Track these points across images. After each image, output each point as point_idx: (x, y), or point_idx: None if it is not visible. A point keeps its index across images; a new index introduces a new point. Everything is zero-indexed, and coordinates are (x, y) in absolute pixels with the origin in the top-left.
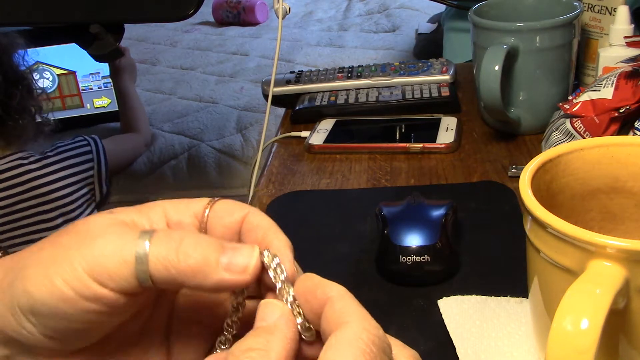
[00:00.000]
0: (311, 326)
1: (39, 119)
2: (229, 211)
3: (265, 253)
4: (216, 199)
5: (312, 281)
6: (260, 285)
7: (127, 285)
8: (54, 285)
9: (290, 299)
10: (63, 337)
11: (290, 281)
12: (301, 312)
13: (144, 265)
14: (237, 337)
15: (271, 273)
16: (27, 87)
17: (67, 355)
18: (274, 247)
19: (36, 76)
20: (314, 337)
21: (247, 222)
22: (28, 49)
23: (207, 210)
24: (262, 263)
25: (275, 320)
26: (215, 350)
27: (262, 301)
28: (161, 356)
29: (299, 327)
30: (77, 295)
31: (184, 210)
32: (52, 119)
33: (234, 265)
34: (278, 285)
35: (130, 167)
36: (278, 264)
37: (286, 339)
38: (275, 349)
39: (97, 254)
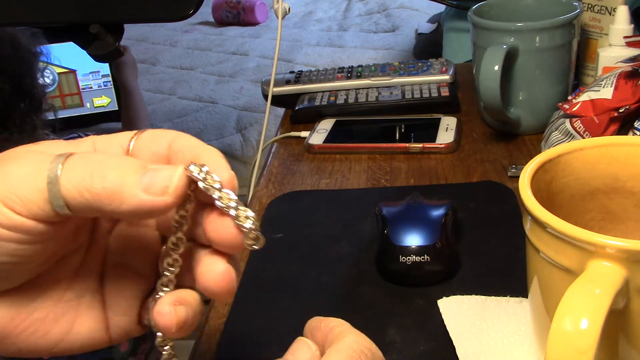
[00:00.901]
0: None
1: (40, 134)
2: (155, 138)
3: (192, 167)
4: (144, 130)
5: (317, 320)
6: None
7: (42, 212)
8: None
9: (232, 204)
10: None
11: (230, 186)
12: (249, 217)
13: (57, 189)
14: (180, 277)
15: (202, 185)
16: (36, 103)
17: None
18: (203, 161)
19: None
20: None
21: (174, 146)
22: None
23: (133, 140)
24: (190, 178)
25: None
26: (157, 294)
27: (299, 338)
28: (96, 302)
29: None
30: None
31: (111, 141)
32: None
33: (154, 184)
34: (215, 195)
35: None
36: (208, 172)
37: None
38: None
39: (9, 180)
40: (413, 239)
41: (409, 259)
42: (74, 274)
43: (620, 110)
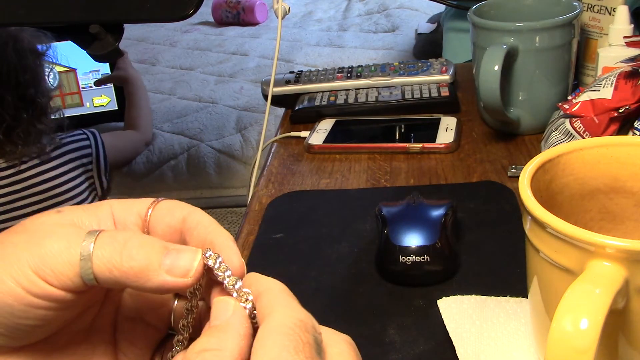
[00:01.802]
0: None
1: (44, 140)
2: (170, 210)
3: (208, 254)
4: (160, 199)
5: (249, 280)
6: (212, 287)
7: (72, 284)
8: (2, 282)
9: (237, 286)
10: (11, 333)
11: (238, 274)
12: (251, 300)
13: (88, 265)
14: (193, 338)
15: (217, 273)
16: (40, 110)
17: (14, 351)
18: (217, 244)
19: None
20: None
21: (189, 221)
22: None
23: (150, 210)
24: (206, 264)
25: (227, 318)
26: (174, 349)
27: (215, 299)
28: (109, 355)
29: (250, 315)
30: (25, 292)
31: (128, 209)
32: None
33: (177, 267)
34: (225, 282)
35: (130, 167)
36: (221, 262)
37: (239, 336)
38: (228, 347)
39: (44, 253)
40: (413, 239)
41: (409, 259)
42: (89, 327)
43: (620, 110)
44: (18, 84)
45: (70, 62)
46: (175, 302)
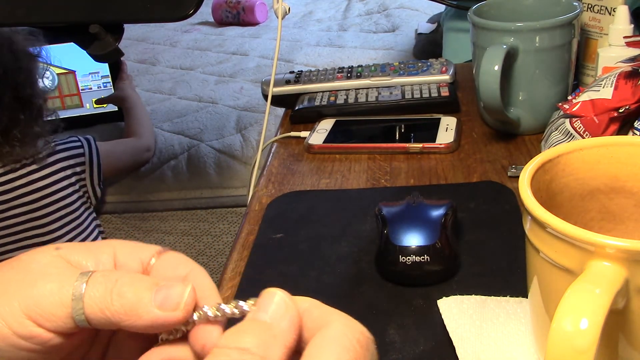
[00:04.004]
0: None
1: (41, 142)
2: (174, 266)
3: (206, 307)
4: (166, 249)
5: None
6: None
7: (63, 326)
8: None
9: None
10: None
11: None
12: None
13: (80, 306)
14: None
15: (217, 313)
16: (37, 111)
17: None
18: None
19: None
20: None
21: (189, 280)
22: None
23: (153, 259)
24: (206, 315)
25: (278, 318)
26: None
27: (264, 291)
28: None
29: None
30: (11, 333)
31: (132, 255)
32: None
33: (167, 301)
34: (231, 311)
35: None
36: (218, 309)
37: (285, 348)
38: (272, 358)
39: (36, 294)
40: (413, 239)
41: (409, 259)
42: None
43: (620, 110)
44: (14, 85)
45: (69, 64)
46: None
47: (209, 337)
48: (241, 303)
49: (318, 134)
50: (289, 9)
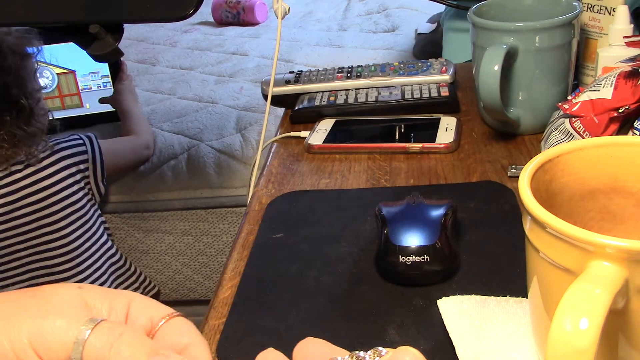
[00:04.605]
0: None
1: (39, 142)
2: (179, 332)
3: None
4: (177, 313)
5: (314, 344)
6: None
7: None
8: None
9: None
10: None
11: None
12: None
13: (79, 350)
14: None
15: None
16: (26, 112)
17: None
18: None
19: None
20: None
21: (189, 352)
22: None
23: (162, 321)
24: None
25: None
26: None
27: (401, 348)
28: None
29: None
30: (14, 356)
31: (145, 310)
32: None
33: None
34: None
35: None
36: None
37: None
38: None
39: (44, 327)
40: (413, 239)
41: (408, 259)
42: None
43: (620, 110)
44: (1, 85)
45: (69, 64)
46: None
47: None
48: (362, 353)
49: (318, 134)
50: (289, 9)
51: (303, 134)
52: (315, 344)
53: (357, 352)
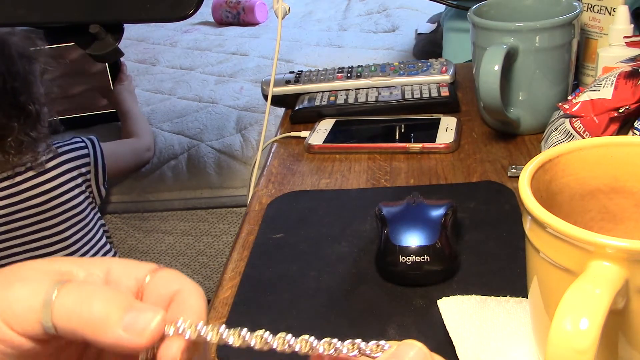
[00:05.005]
0: None
1: (42, 147)
2: (166, 282)
3: (180, 323)
4: (161, 267)
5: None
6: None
7: (32, 331)
8: None
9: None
10: None
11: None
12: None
13: (48, 312)
14: None
15: (203, 336)
16: (34, 117)
17: None
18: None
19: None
20: None
21: (178, 297)
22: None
23: (148, 277)
24: (165, 324)
25: None
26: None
27: (405, 341)
28: None
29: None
30: None
31: (126, 271)
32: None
33: (134, 325)
34: (248, 339)
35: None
36: (194, 329)
37: None
38: None
39: (9, 296)
40: (413, 239)
41: (409, 259)
42: None
43: (620, 110)
44: (7, 91)
45: None
46: None
47: (167, 352)
48: (363, 345)
49: (318, 134)
50: (289, 9)
51: (303, 134)
52: None
53: (344, 341)
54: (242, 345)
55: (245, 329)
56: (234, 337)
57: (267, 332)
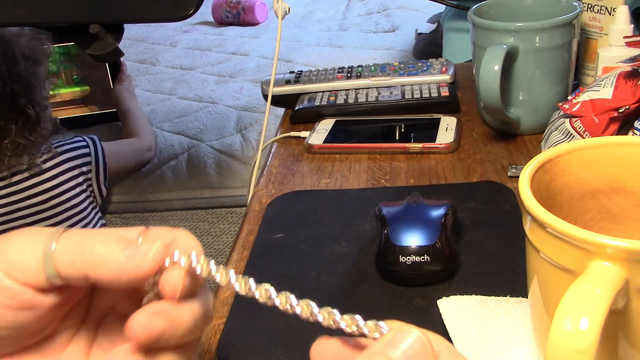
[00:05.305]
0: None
1: (42, 147)
2: (159, 237)
3: (176, 256)
4: (149, 227)
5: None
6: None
7: (35, 280)
8: None
9: (233, 277)
10: None
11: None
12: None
13: (50, 257)
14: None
15: (199, 269)
16: (33, 120)
17: None
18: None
19: None
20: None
21: (173, 247)
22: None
23: (140, 238)
24: (165, 252)
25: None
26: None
27: (403, 328)
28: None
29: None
30: None
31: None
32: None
33: (136, 254)
34: (213, 272)
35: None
36: (189, 256)
37: None
38: None
39: (9, 247)
40: (413, 239)
41: (409, 259)
42: (58, 354)
43: (620, 110)
44: (7, 93)
45: None
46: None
47: (169, 278)
48: (361, 322)
49: (318, 134)
50: (289, 9)
51: (303, 134)
52: (329, 341)
53: (343, 315)
54: (247, 294)
55: (252, 279)
56: (240, 285)
57: (273, 288)
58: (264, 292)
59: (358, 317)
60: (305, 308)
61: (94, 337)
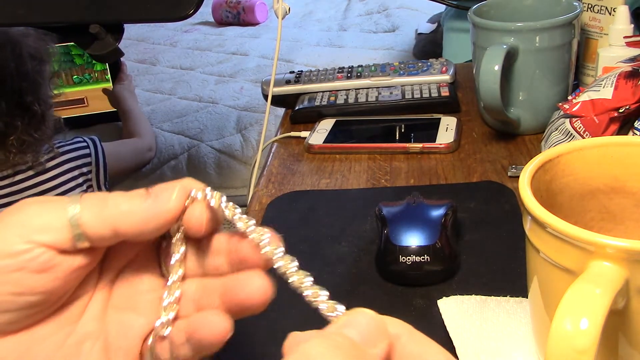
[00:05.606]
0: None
1: (44, 147)
2: (170, 183)
3: (199, 194)
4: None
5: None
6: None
7: (60, 241)
8: (9, 243)
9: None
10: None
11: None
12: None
13: (76, 219)
14: (176, 318)
15: (227, 212)
16: (38, 118)
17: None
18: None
19: None
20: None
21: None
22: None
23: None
24: (188, 193)
25: (367, 342)
26: (158, 336)
27: (355, 310)
28: (97, 347)
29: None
30: (20, 251)
31: None
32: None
33: (159, 196)
34: (236, 217)
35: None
36: (220, 197)
37: None
38: None
39: (29, 213)
40: (413, 239)
41: (409, 259)
42: (76, 320)
43: (620, 110)
44: (14, 90)
45: None
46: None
47: (193, 215)
48: (323, 297)
49: (318, 134)
50: (289, 9)
51: (303, 134)
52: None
53: (313, 284)
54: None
55: (253, 220)
56: (242, 223)
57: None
58: (258, 232)
59: (323, 292)
60: (284, 264)
61: (108, 300)
